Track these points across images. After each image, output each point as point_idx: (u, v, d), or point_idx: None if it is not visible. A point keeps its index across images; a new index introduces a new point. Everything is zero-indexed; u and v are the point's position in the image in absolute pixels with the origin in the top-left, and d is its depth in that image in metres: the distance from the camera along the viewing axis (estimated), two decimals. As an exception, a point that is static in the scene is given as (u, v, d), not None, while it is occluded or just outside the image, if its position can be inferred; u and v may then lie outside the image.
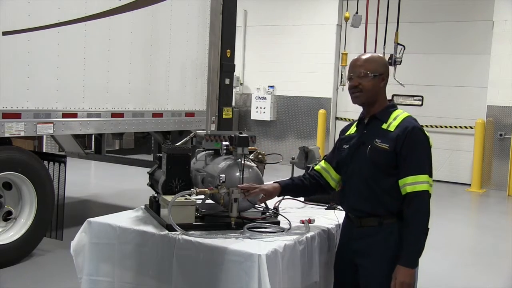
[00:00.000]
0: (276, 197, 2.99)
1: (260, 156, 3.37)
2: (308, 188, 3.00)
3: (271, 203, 3.12)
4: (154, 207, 3.01)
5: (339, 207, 3.44)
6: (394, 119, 2.71)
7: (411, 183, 2.59)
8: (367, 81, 2.70)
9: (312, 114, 12.85)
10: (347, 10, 10.93)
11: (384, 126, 2.70)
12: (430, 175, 2.63)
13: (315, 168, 3.05)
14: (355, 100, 2.76)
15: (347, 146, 2.82)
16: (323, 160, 3.05)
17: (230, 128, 7.61)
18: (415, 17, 11.47)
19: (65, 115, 5.42)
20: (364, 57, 2.77)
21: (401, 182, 2.62)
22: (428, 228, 2.63)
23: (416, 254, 2.60)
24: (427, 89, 11.69)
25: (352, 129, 2.89)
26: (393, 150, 2.62)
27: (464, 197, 10.33)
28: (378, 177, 2.66)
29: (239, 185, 2.72)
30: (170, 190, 2.85)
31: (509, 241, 7.11)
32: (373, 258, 2.68)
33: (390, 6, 9.17)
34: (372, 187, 2.67)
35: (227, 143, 2.92)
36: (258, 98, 13.43)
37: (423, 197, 2.59)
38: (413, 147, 2.61)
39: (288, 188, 2.96)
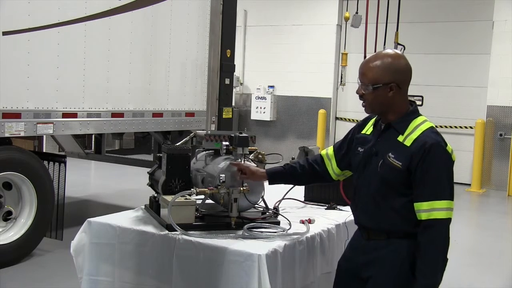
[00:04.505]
0: (268, 184, 2.87)
1: (260, 156, 3.36)
2: (301, 176, 2.85)
3: (271, 203, 3.12)
4: (154, 207, 3.01)
5: (339, 207, 3.44)
6: (413, 130, 2.38)
7: (426, 210, 2.30)
8: (368, 93, 2.41)
9: (312, 114, 12.84)
10: (347, 10, 10.90)
11: (400, 138, 2.39)
12: (451, 199, 2.32)
13: (320, 153, 2.85)
14: (364, 110, 2.50)
15: (362, 150, 2.55)
16: (331, 147, 2.83)
17: (230, 128, 7.61)
18: (415, 17, 11.47)
19: (65, 115, 5.42)
20: (369, 63, 2.43)
21: (416, 206, 2.34)
22: (447, 259, 2.35)
23: (431, 287, 2.36)
24: (427, 89, 11.66)
25: (369, 129, 2.60)
26: (406, 169, 2.33)
27: (464, 197, 10.31)
28: (387, 195, 2.41)
29: (232, 162, 2.75)
30: (170, 190, 2.84)
31: (509, 241, 7.11)
32: (381, 271, 2.45)
33: (390, 6, 9.17)
34: (379, 204, 2.43)
35: (227, 143, 2.91)
36: (258, 98, 13.42)
37: (440, 225, 2.30)
38: (430, 168, 2.30)
39: (278, 177, 2.84)
